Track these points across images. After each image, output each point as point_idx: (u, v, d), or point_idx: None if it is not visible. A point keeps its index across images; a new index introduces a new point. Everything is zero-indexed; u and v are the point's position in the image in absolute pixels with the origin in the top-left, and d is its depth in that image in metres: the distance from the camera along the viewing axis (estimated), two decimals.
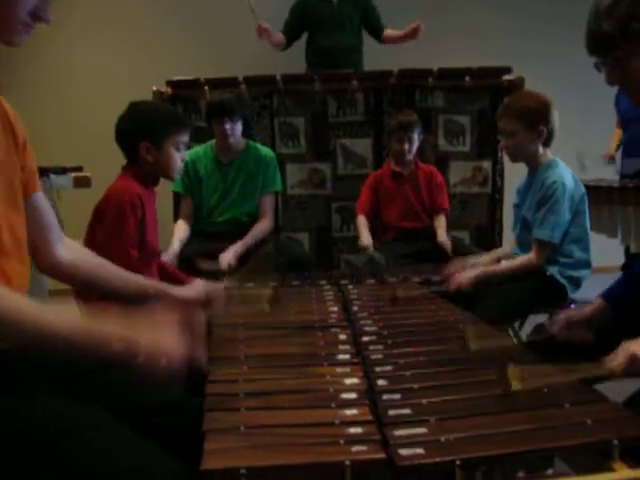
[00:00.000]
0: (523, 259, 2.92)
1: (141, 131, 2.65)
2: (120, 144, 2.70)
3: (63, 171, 4.05)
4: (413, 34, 4.69)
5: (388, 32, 4.97)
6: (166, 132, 2.65)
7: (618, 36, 1.65)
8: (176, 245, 3.58)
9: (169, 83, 4.36)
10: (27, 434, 1.21)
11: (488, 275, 2.88)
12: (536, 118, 2.85)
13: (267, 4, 5.45)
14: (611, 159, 5.22)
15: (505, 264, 3.00)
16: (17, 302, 1.24)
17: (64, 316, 1.29)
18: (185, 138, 2.74)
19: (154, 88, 4.26)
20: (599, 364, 1.50)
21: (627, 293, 2.08)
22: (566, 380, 1.45)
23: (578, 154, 4.71)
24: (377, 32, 5.04)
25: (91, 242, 2.63)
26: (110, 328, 1.29)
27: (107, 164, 2.78)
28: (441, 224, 3.85)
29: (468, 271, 2.89)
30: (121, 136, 2.70)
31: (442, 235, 3.74)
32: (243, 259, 3.53)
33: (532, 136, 2.88)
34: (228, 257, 3.48)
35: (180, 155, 2.72)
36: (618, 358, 1.50)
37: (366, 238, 3.76)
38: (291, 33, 5.03)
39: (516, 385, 1.40)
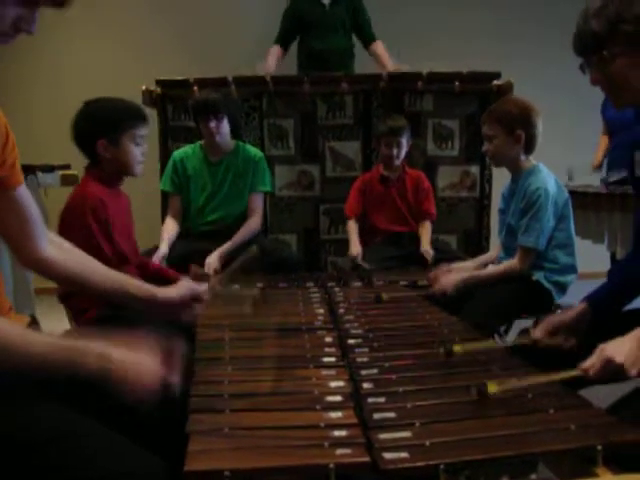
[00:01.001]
0: (507, 265, 2.93)
1: (96, 129, 2.59)
2: (78, 145, 2.65)
3: (51, 169, 4.03)
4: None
5: (379, 49, 4.97)
6: (122, 127, 2.59)
7: (605, 36, 1.67)
8: (164, 247, 3.56)
9: (158, 83, 4.35)
10: (17, 440, 1.21)
11: (472, 280, 2.89)
12: (515, 122, 2.86)
13: (259, 11, 5.49)
14: (597, 167, 5.24)
15: (489, 269, 3.03)
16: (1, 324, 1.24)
17: (41, 336, 1.28)
18: (143, 131, 2.67)
19: (143, 87, 4.25)
20: (576, 368, 1.52)
21: (608, 297, 2.09)
22: (541, 382, 1.46)
23: (569, 170, 4.72)
24: (365, 38, 5.06)
25: None
26: (87, 346, 1.29)
27: None
28: (425, 231, 3.86)
29: (452, 275, 2.90)
30: (77, 136, 2.63)
31: (425, 244, 3.75)
32: (229, 260, 3.53)
33: (510, 140, 2.89)
34: (213, 260, 3.47)
35: (140, 149, 2.67)
36: (593, 361, 1.51)
37: (356, 247, 3.77)
38: (286, 37, 5.04)
39: (492, 388, 1.40)
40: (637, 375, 1.53)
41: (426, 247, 3.70)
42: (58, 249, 1.71)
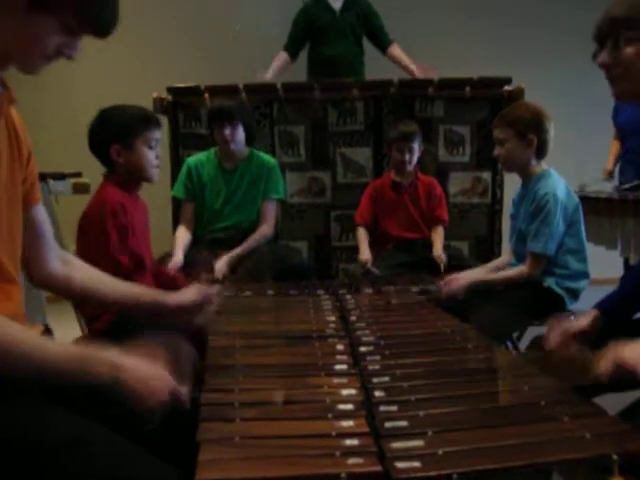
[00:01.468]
0: (516, 271, 2.93)
1: (109, 134, 2.63)
2: (94, 152, 2.68)
3: (62, 177, 4.05)
4: (420, 73, 4.73)
5: (396, 51, 4.98)
6: (134, 131, 2.63)
7: (624, 20, 1.68)
8: (180, 254, 3.57)
9: (170, 90, 4.36)
10: (27, 445, 1.21)
11: (481, 283, 2.89)
12: (527, 127, 2.86)
13: (269, 19, 5.49)
14: (609, 175, 5.20)
15: (498, 274, 3.02)
16: (16, 332, 1.24)
17: (53, 344, 1.29)
18: (156, 135, 2.70)
19: (154, 95, 4.26)
20: (588, 370, 1.51)
21: (620, 303, 2.08)
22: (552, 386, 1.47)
23: (580, 186, 4.67)
24: (381, 44, 5.06)
25: (81, 255, 2.61)
26: (99, 355, 1.30)
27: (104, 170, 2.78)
28: (438, 236, 3.85)
29: (461, 278, 2.89)
30: (93, 144, 2.68)
31: (438, 249, 3.73)
32: (238, 265, 3.54)
33: (522, 145, 2.88)
34: (221, 265, 3.48)
35: (154, 153, 2.69)
36: (606, 363, 1.49)
37: (365, 253, 3.76)
38: (296, 44, 5.05)
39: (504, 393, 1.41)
40: None
41: (439, 252, 3.69)
42: (67, 265, 1.73)
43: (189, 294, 1.89)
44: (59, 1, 1.30)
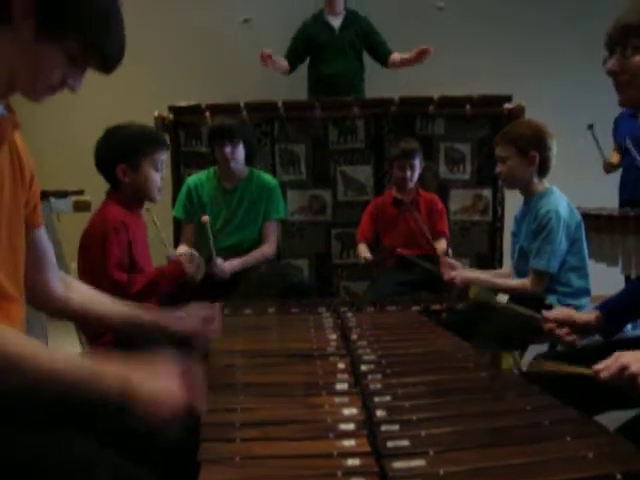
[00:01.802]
0: (519, 282, 2.94)
1: (116, 154, 2.65)
2: (99, 170, 2.70)
3: (64, 195, 4.05)
4: (419, 57, 4.70)
5: (394, 56, 4.99)
6: (141, 152, 2.65)
7: (636, 28, 1.68)
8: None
9: (171, 109, 4.38)
10: (30, 468, 1.20)
11: (484, 285, 2.91)
12: (529, 144, 2.86)
13: (270, 37, 5.51)
14: (610, 167, 5.17)
15: (502, 281, 3.03)
16: (18, 343, 1.24)
17: (62, 357, 1.28)
18: (162, 156, 2.72)
19: (156, 114, 4.28)
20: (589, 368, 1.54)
21: (621, 307, 2.12)
22: (550, 369, 1.59)
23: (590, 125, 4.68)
24: (383, 57, 5.07)
25: (82, 272, 2.62)
26: (105, 369, 1.29)
27: (106, 188, 2.79)
28: (440, 245, 3.85)
29: (467, 272, 2.97)
30: (99, 162, 2.69)
31: (441, 247, 3.77)
32: (237, 278, 3.54)
33: (524, 162, 2.88)
34: (223, 264, 3.52)
35: (159, 174, 2.71)
36: (608, 364, 1.50)
37: (365, 252, 3.79)
38: (295, 58, 5.07)
39: (507, 364, 1.42)
40: None
41: (442, 247, 3.73)
42: (67, 287, 1.73)
43: (191, 317, 1.89)
44: (65, 31, 1.31)
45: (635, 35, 1.69)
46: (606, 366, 1.51)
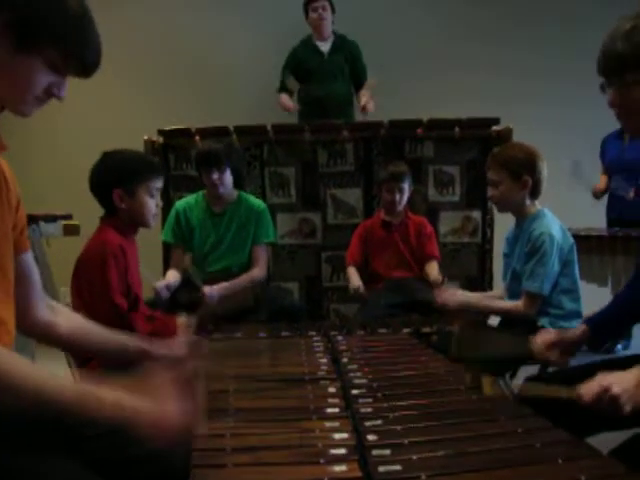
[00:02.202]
0: (512, 304, 2.94)
1: (113, 179, 2.66)
2: (95, 194, 2.71)
3: (53, 219, 4.04)
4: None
5: (362, 93, 5.10)
6: (138, 179, 2.66)
7: (630, 60, 1.68)
8: (170, 278, 3.55)
9: (160, 132, 4.39)
10: None
11: (476, 307, 2.92)
12: (521, 168, 2.87)
13: (262, 59, 5.55)
14: (600, 192, 5.20)
15: (495, 303, 3.04)
16: (18, 365, 1.23)
17: (60, 380, 1.27)
18: (158, 184, 2.74)
19: (145, 137, 4.28)
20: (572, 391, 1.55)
21: (608, 320, 2.19)
22: (534, 393, 1.59)
23: (574, 163, 4.70)
24: (358, 83, 5.20)
25: (77, 297, 2.61)
26: (99, 393, 1.28)
27: (96, 212, 2.78)
28: (432, 268, 3.85)
29: (459, 295, 2.97)
30: (95, 186, 2.70)
31: (434, 274, 3.73)
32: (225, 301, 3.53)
33: (517, 186, 2.89)
34: (213, 291, 3.49)
35: (154, 201, 2.72)
36: (591, 386, 1.51)
37: (356, 281, 3.77)
38: (289, 85, 5.12)
39: (487, 391, 1.57)
40: (629, 413, 1.52)
41: (436, 275, 3.69)
42: (53, 313, 1.72)
43: (178, 346, 1.87)
44: (43, 42, 1.33)
45: (632, 68, 1.69)
46: (589, 389, 1.52)
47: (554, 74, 5.68)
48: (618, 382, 1.53)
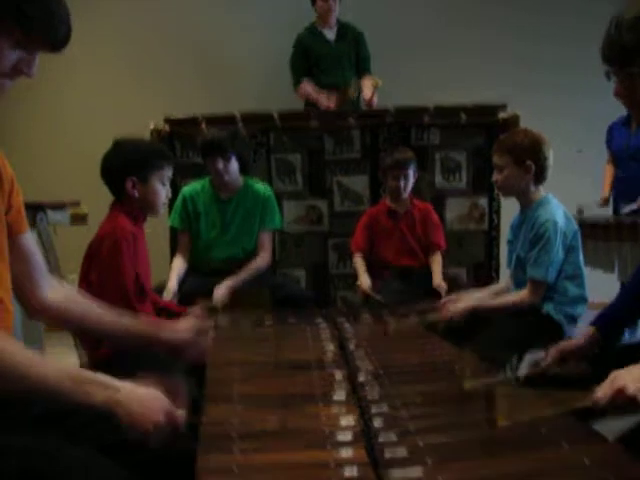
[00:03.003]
0: (516, 297, 2.93)
1: (127, 167, 2.67)
2: (106, 181, 2.72)
3: (61, 206, 4.05)
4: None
5: (364, 82, 5.08)
6: (152, 167, 2.68)
7: (635, 51, 1.67)
8: (174, 282, 3.57)
9: (167, 120, 4.39)
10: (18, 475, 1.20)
11: (481, 309, 2.90)
12: (525, 153, 2.86)
13: (268, 47, 5.54)
14: (605, 202, 5.19)
15: (498, 300, 3.02)
16: (12, 350, 1.24)
17: (49, 363, 1.29)
18: (169, 173, 2.77)
19: (152, 126, 4.28)
20: (586, 395, 1.51)
21: (615, 318, 2.13)
22: (551, 413, 1.46)
23: (579, 207, 4.68)
24: (361, 70, 5.19)
25: (86, 282, 2.63)
26: (93, 377, 1.31)
27: (104, 199, 2.80)
28: (437, 264, 3.85)
29: (462, 302, 2.90)
30: (107, 173, 2.72)
31: (437, 278, 3.74)
32: (237, 295, 3.53)
33: (520, 171, 2.89)
34: (221, 292, 3.48)
35: (165, 190, 2.74)
36: (604, 389, 1.50)
37: (365, 281, 3.76)
38: (302, 73, 5.10)
39: (502, 421, 1.47)
40: None
41: (438, 282, 3.69)
42: (59, 294, 1.72)
43: (184, 328, 1.89)
44: (5, 18, 1.30)
45: (638, 59, 1.68)
46: (604, 393, 1.50)
47: (557, 63, 5.67)
48: (631, 380, 1.52)
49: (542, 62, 5.71)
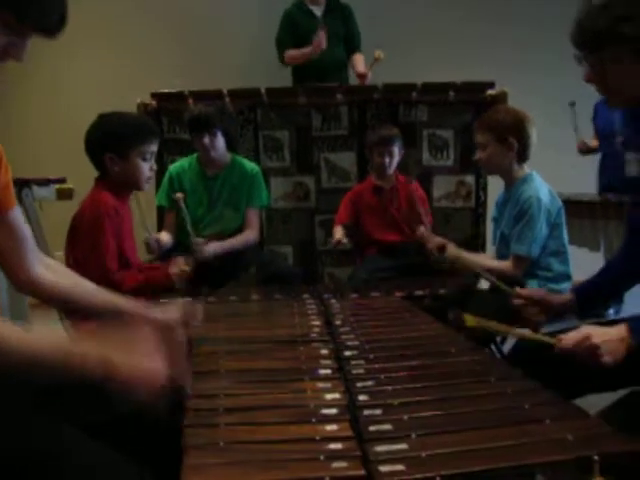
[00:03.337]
0: (500, 264, 2.97)
1: (105, 143, 2.66)
2: (88, 155, 2.71)
3: (46, 182, 4.03)
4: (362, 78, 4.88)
5: (356, 57, 5.07)
6: (130, 142, 2.66)
7: (606, 36, 1.66)
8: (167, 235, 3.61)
9: (154, 96, 4.35)
10: (12, 457, 1.20)
11: (463, 260, 2.96)
12: (507, 131, 2.88)
13: (254, 24, 5.50)
14: (585, 146, 5.22)
15: (482, 258, 3.07)
16: (11, 329, 1.24)
17: (44, 338, 1.28)
18: (152, 148, 2.74)
19: (138, 100, 4.25)
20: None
21: (593, 289, 2.22)
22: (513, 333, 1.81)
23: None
24: (351, 48, 5.18)
25: (70, 257, 2.62)
26: (86, 350, 1.28)
27: (91, 176, 2.78)
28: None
29: (444, 239, 3.10)
30: (88, 147, 2.71)
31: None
32: (226, 272, 3.53)
33: (502, 149, 2.90)
34: (212, 247, 3.50)
35: (148, 165, 2.72)
36: (571, 334, 1.54)
37: (338, 233, 3.79)
38: (287, 47, 5.07)
39: (470, 322, 1.73)
40: (610, 365, 1.55)
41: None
42: (48, 270, 1.72)
43: (172, 310, 1.88)
44: None
45: (608, 45, 1.67)
46: (570, 336, 1.55)
47: (550, 42, 5.65)
48: (600, 334, 1.56)
49: (530, 43, 5.71)
